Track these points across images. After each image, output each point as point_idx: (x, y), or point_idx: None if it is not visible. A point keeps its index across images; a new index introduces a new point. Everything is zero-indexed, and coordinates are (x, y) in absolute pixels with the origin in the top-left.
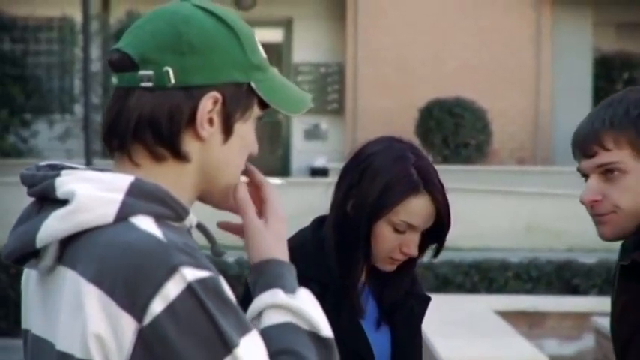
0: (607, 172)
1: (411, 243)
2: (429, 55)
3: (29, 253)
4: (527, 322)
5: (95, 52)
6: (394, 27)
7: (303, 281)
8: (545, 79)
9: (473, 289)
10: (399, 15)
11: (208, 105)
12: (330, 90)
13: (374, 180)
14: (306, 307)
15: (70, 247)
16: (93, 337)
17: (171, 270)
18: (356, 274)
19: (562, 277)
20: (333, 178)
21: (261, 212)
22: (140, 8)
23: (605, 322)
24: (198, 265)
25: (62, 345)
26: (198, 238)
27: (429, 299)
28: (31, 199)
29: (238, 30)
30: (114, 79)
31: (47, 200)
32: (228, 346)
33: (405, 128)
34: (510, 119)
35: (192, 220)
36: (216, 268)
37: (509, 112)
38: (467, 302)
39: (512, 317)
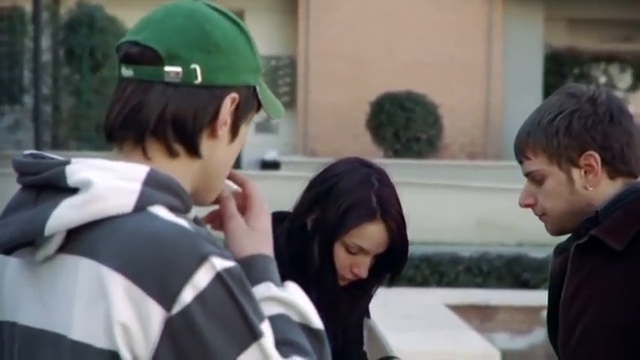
0: (533, 178)
1: (361, 265)
2: (380, 49)
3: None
4: (478, 316)
5: (45, 42)
6: (346, 21)
7: None
8: (496, 75)
9: (424, 283)
10: (351, 9)
11: (228, 105)
12: (282, 83)
13: (336, 201)
14: (297, 300)
15: (80, 235)
16: (119, 325)
17: (202, 259)
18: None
19: (512, 271)
20: (284, 172)
21: (245, 208)
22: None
23: None
24: (223, 255)
25: (78, 335)
26: None
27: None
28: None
29: (248, 33)
30: (126, 72)
31: (48, 189)
32: (255, 335)
33: (357, 122)
34: (461, 114)
35: (192, 213)
36: None
37: (460, 107)
38: (419, 296)
39: (463, 311)
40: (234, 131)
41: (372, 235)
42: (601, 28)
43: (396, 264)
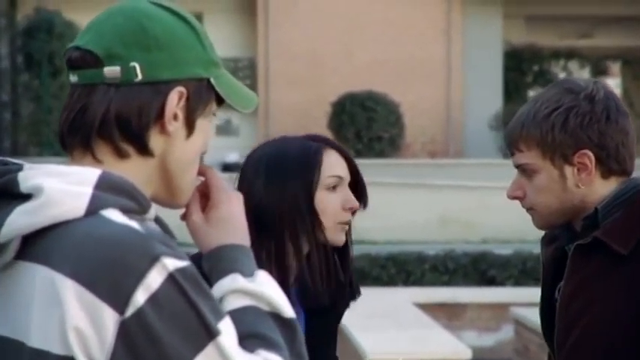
0: (524, 171)
1: (348, 196)
2: (340, 48)
3: None
4: (446, 314)
5: (3, 49)
6: (305, 21)
7: None
8: (456, 72)
9: (390, 282)
10: (310, 9)
11: (175, 100)
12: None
13: (285, 171)
14: (266, 290)
15: (34, 242)
16: (73, 331)
17: (153, 260)
18: (286, 269)
19: (478, 268)
20: None
21: (207, 199)
22: (49, 5)
23: (524, 313)
24: (176, 255)
25: (36, 342)
26: None
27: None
28: None
29: (196, 26)
30: (72, 78)
31: (2, 196)
32: (211, 334)
33: (318, 122)
34: (422, 112)
35: (151, 213)
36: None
37: (421, 105)
38: (386, 295)
39: (431, 309)
40: (190, 125)
41: (335, 159)
42: (560, 24)
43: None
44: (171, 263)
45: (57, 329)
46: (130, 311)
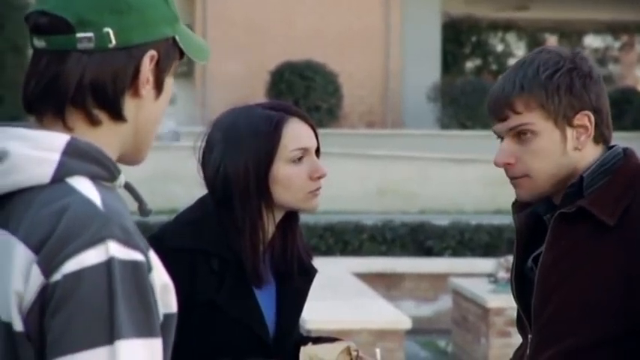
0: (520, 133)
1: (315, 165)
2: (279, 17)
3: None
4: (384, 284)
5: None
6: None
7: (205, 257)
8: (394, 43)
9: (328, 252)
10: None
11: (147, 63)
12: None
13: (242, 140)
14: None
15: (2, 207)
16: (15, 295)
17: (99, 240)
18: (256, 245)
19: (416, 239)
20: (184, 142)
21: None
22: None
23: (462, 283)
24: (129, 245)
25: None
26: (127, 197)
27: (315, 272)
28: None
29: None
30: (39, 43)
31: None
32: (112, 337)
33: (256, 91)
34: (360, 82)
35: (121, 179)
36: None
37: (359, 76)
38: (324, 265)
39: (369, 279)
40: (159, 86)
41: (299, 130)
42: None
43: None
44: (118, 250)
45: (5, 294)
46: (54, 277)
